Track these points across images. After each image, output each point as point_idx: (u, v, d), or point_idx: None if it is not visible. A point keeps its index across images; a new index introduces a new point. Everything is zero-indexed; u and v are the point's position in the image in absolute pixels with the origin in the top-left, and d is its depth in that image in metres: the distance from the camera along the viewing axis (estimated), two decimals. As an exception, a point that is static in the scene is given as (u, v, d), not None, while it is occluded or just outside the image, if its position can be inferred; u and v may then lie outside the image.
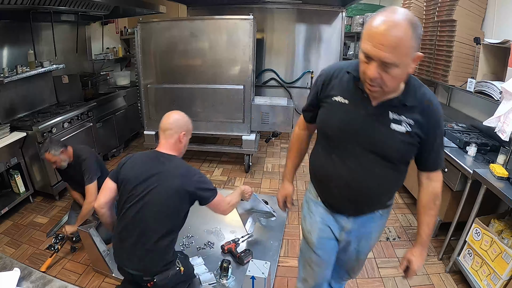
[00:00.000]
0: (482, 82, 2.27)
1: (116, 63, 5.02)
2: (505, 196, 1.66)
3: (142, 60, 3.39)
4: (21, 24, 3.01)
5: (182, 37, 3.28)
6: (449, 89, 3.10)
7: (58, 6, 2.90)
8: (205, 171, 3.62)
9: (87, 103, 3.42)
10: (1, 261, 1.20)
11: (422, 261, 1.24)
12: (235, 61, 3.29)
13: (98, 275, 2.03)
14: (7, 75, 2.71)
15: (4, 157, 2.54)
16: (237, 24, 3.20)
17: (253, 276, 1.68)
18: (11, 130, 2.67)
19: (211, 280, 1.95)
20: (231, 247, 2.20)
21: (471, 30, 2.61)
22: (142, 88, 3.47)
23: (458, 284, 2.02)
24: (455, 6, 2.59)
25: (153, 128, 3.59)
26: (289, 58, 4.42)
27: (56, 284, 1.09)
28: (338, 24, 4.21)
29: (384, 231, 2.55)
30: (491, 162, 2.01)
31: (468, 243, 1.96)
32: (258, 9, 4.17)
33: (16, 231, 2.48)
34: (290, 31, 4.31)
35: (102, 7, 3.52)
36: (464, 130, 2.57)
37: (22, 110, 3.05)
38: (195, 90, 3.42)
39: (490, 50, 2.32)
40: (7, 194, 2.73)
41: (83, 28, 4.01)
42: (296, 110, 4.52)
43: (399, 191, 3.18)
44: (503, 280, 1.69)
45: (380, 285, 2.02)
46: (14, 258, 1.90)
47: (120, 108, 4.11)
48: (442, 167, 1.29)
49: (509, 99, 1.86)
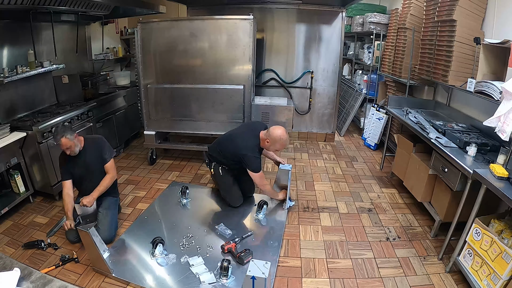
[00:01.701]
0: (482, 82, 2.28)
1: (116, 63, 5.02)
2: (505, 196, 1.66)
3: (142, 60, 3.39)
4: (21, 24, 3.01)
5: (182, 37, 3.28)
6: (449, 89, 3.10)
7: (58, 6, 2.90)
8: (205, 171, 3.62)
9: (87, 103, 3.42)
10: (1, 261, 1.20)
11: None
12: (235, 61, 3.30)
13: (98, 275, 2.03)
14: (7, 75, 2.70)
15: (4, 157, 2.54)
16: (237, 24, 3.20)
17: (253, 276, 1.68)
18: (11, 130, 2.67)
19: (211, 280, 1.96)
20: (231, 247, 2.20)
21: (471, 30, 2.61)
22: (142, 88, 3.47)
23: (458, 284, 2.02)
24: (455, 6, 2.60)
25: (153, 128, 3.59)
26: (289, 58, 4.43)
27: (56, 284, 1.09)
28: (338, 24, 4.22)
29: (384, 231, 2.56)
30: (491, 162, 2.01)
31: (468, 243, 1.96)
32: (258, 9, 4.17)
33: (16, 231, 2.48)
34: (290, 31, 4.31)
35: (102, 7, 3.52)
36: (464, 130, 2.57)
37: (22, 110, 3.05)
38: (195, 90, 3.42)
39: (490, 50, 2.33)
40: (7, 194, 2.72)
41: (83, 28, 4.01)
42: (296, 110, 4.55)
43: (399, 191, 3.18)
44: (503, 280, 1.68)
45: (380, 285, 2.02)
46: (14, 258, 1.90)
47: (120, 108, 4.12)
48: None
49: (509, 99, 1.86)
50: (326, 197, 3.10)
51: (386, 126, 4.02)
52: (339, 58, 4.35)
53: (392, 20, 4.18)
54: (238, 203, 2.81)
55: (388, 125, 3.86)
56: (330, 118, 4.65)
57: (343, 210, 2.88)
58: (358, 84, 5.27)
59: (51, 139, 2.80)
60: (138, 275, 2.01)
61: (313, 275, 2.10)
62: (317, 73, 4.44)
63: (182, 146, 3.92)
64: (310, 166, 3.83)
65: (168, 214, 2.73)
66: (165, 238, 2.31)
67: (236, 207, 2.80)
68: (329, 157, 4.12)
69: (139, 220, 2.61)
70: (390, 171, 3.51)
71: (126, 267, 2.07)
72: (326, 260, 2.23)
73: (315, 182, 3.41)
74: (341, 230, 2.57)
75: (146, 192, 3.11)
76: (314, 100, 4.57)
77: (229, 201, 2.82)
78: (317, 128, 4.72)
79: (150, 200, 2.96)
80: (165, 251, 2.19)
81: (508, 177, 1.78)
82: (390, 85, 4.25)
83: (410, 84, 3.57)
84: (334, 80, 4.45)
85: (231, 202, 2.81)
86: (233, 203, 2.81)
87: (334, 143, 4.69)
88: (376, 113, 4.39)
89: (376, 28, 4.57)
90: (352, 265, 2.19)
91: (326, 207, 2.92)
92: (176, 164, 3.81)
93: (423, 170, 2.67)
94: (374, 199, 3.07)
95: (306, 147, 4.47)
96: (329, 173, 3.63)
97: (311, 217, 2.75)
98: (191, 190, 2.99)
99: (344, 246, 2.38)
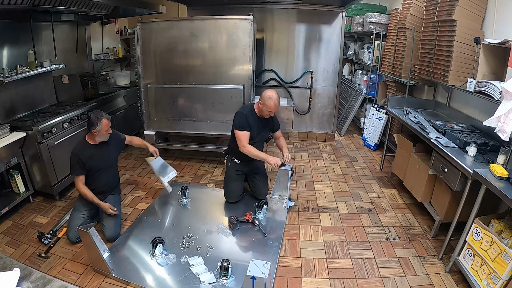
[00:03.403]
0: (482, 82, 2.27)
1: (116, 63, 5.02)
2: (505, 196, 1.66)
3: (142, 60, 3.39)
4: (21, 24, 3.01)
5: (182, 37, 3.28)
6: (449, 89, 3.10)
7: (58, 6, 2.90)
8: (205, 171, 3.62)
9: (87, 103, 3.42)
10: (1, 261, 1.20)
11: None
12: (235, 61, 3.30)
13: (98, 275, 2.03)
14: (7, 75, 2.70)
15: (4, 157, 2.54)
16: (237, 24, 3.20)
17: (253, 276, 1.68)
18: (11, 130, 2.67)
19: (211, 280, 1.96)
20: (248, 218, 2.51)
21: (471, 30, 2.61)
22: (142, 88, 3.47)
23: (458, 284, 2.02)
24: (455, 6, 2.60)
25: (153, 128, 3.59)
26: (289, 58, 4.43)
27: (56, 284, 1.09)
28: (338, 24, 4.22)
29: (384, 231, 2.56)
30: (491, 162, 2.01)
31: (468, 243, 1.96)
32: (258, 9, 4.17)
33: (16, 231, 2.48)
34: (290, 31, 4.31)
35: (102, 7, 3.52)
36: (464, 130, 2.57)
37: (22, 110, 3.04)
38: (195, 90, 3.42)
39: (490, 50, 2.32)
40: (7, 194, 2.72)
41: (83, 28, 4.01)
42: (296, 110, 4.55)
43: (399, 191, 3.18)
44: (503, 280, 1.68)
45: (380, 285, 2.02)
46: (14, 258, 1.91)
47: (120, 108, 4.11)
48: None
49: (509, 99, 1.86)
50: (326, 197, 3.10)
51: (386, 126, 4.02)
52: (339, 58, 4.35)
53: (392, 20, 4.18)
54: (232, 199, 2.82)
55: (388, 125, 3.86)
56: (330, 118, 4.66)
57: (343, 210, 2.88)
58: (358, 84, 5.27)
59: (51, 139, 2.80)
60: (138, 275, 2.01)
61: (313, 275, 2.10)
62: (317, 73, 4.44)
63: (182, 146, 3.93)
64: (310, 166, 3.83)
65: (168, 214, 2.73)
66: (165, 238, 2.31)
67: (230, 202, 2.81)
68: (329, 157, 4.12)
69: (139, 220, 2.61)
70: (390, 171, 3.51)
71: (126, 267, 2.07)
72: (326, 260, 2.23)
73: (315, 182, 3.41)
74: (341, 230, 2.57)
75: (146, 192, 3.11)
76: (314, 100, 4.57)
77: (225, 194, 2.85)
78: (317, 128, 4.72)
79: (150, 200, 2.96)
80: (165, 251, 2.19)
81: (508, 177, 1.78)
82: (390, 85, 4.25)
83: (410, 84, 3.57)
84: (334, 80, 4.45)
85: (226, 195, 2.84)
86: (227, 197, 2.83)
87: (334, 143, 4.69)
88: (376, 113, 4.39)
89: (376, 28, 4.57)
90: (352, 265, 2.19)
91: (326, 207, 2.92)
92: (176, 164, 3.80)
93: (423, 170, 2.67)
94: (374, 199, 3.07)
95: (306, 147, 4.47)
96: (329, 173, 3.63)
97: (311, 217, 2.75)
98: (191, 190, 2.99)
99: (344, 246, 2.38)
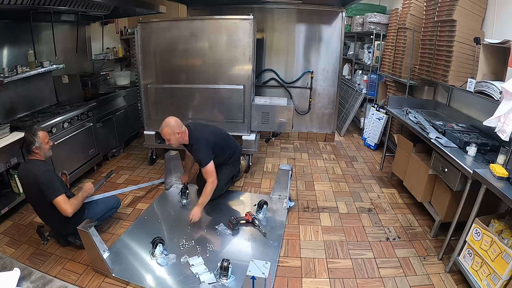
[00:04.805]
0: (482, 82, 2.27)
1: (116, 63, 5.02)
2: (505, 196, 1.66)
3: (142, 60, 3.39)
4: (21, 24, 3.01)
5: (182, 37, 3.28)
6: (449, 89, 3.10)
7: (58, 6, 2.90)
8: (205, 171, 3.62)
9: (87, 103, 3.42)
10: (1, 261, 1.20)
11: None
12: (235, 61, 3.30)
13: (98, 275, 2.03)
14: (7, 75, 2.70)
15: (4, 157, 2.54)
16: (237, 24, 3.20)
17: (253, 276, 1.67)
18: (11, 130, 2.66)
19: (211, 280, 1.96)
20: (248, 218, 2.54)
21: (471, 30, 2.61)
22: (142, 88, 3.47)
23: (458, 284, 2.02)
24: (455, 6, 2.60)
25: (153, 128, 3.59)
26: (289, 58, 4.43)
27: (56, 284, 1.09)
28: (338, 24, 4.21)
29: (384, 231, 2.56)
30: (491, 162, 2.01)
31: (468, 243, 1.96)
32: (258, 9, 4.17)
33: (16, 231, 2.48)
34: (290, 31, 4.31)
35: (102, 7, 3.52)
36: (464, 130, 2.57)
37: (22, 110, 3.04)
38: (195, 90, 3.42)
39: (490, 50, 2.32)
40: (7, 194, 2.72)
41: (83, 28, 4.01)
42: (296, 110, 4.55)
43: (399, 191, 3.18)
44: (503, 280, 1.68)
45: (380, 285, 2.02)
46: (14, 258, 1.90)
47: (120, 108, 4.11)
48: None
49: (509, 99, 1.86)
50: (326, 197, 3.10)
51: (386, 126, 4.02)
52: (339, 58, 4.35)
53: (392, 20, 4.18)
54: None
55: (388, 125, 3.86)
56: (330, 118, 4.66)
57: (343, 210, 2.88)
58: (358, 84, 5.27)
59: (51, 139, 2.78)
60: (138, 275, 2.01)
61: (313, 275, 2.10)
62: (317, 73, 4.44)
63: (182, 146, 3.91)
64: (310, 166, 3.83)
65: (168, 214, 2.73)
66: (165, 238, 2.31)
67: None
68: (329, 157, 4.12)
69: (139, 220, 2.61)
70: (390, 171, 3.50)
71: (126, 267, 2.07)
72: (326, 260, 2.23)
73: (315, 182, 3.41)
74: (341, 230, 2.57)
75: (146, 192, 3.11)
76: (314, 100, 4.57)
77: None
78: (317, 128, 4.72)
79: (150, 200, 2.96)
80: (165, 251, 2.19)
81: (508, 177, 1.78)
82: (390, 85, 4.25)
83: (410, 84, 3.57)
84: (334, 80, 4.45)
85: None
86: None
87: (334, 143, 4.69)
88: (376, 113, 4.39)
89: (376, 28, 4.57)
90: (352, 265, 2.19)
91: (326, 207, 2.92)
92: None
93: (423, 170, 2.67)
94: (374, 199, 3.07)
95: (306, 147, 4.47)
96: (329, 173, 3.63)
97: (311, 217, 2.75)
98: (191, 190, 3.00)
99: (344, 246, 2.38)
